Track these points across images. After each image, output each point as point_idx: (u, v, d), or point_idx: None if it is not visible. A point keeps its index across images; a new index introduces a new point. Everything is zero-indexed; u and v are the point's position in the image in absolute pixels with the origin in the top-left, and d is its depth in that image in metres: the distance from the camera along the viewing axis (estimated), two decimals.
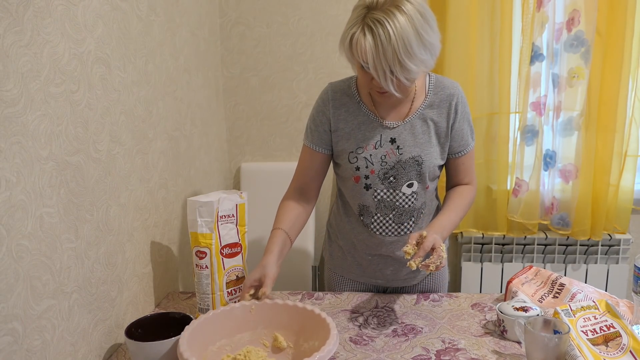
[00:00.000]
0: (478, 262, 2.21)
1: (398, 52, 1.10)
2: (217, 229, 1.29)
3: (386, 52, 1.11)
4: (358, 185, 1.35)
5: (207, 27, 1.97)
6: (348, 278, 1.51)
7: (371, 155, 1.32)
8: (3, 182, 0.87)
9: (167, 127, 1.55)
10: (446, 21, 1.98)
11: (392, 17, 1.10)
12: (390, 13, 1.10)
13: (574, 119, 2.05)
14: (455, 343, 1.21)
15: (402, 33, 1.10)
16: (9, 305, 0.88)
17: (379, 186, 1.34)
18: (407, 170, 1.32)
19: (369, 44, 1.11)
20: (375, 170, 1.32)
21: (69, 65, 1.04)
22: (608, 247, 2.16)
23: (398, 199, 1.35)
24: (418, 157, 1.32)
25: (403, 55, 1.11)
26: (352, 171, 1.34)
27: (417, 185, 1.34)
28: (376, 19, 1.11)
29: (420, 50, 1.13)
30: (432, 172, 1.34)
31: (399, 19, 1.10)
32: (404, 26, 1.10)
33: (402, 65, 1.12)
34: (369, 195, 1.35)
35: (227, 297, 1.31)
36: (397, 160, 1.32)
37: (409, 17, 1.10)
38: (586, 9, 1.94)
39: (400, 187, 1.34)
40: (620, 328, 1.09)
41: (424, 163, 1.32)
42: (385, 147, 1.32)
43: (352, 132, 1.34)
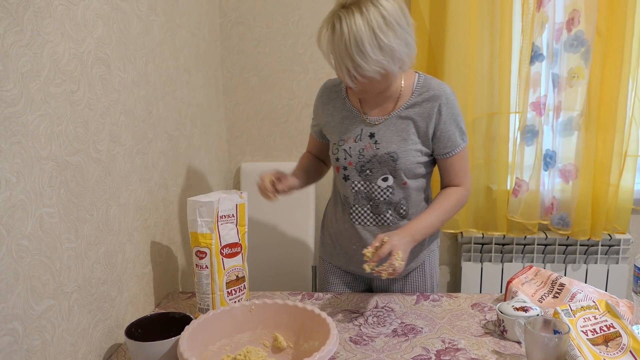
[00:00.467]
0: (478, 262, 2.21)
1: (349, 48, 1.18)
2: (217, 229, 1.29)
3: (339, 46, 1.19)
4: (339, 175, 1.43)
5: (207, 27, 1.97)
6: (336, 266, 1.55)
7: (350, 148, 1.39)
8: (3, 182, 0.87)
9: (167, 127, 1.55)
10: (446, 21, 1.98)
11: (350, 16, 1.18)
12: (350, 12, 1.18)
13: (574, 119, 2.05)
14: (455, 343, 1.21)
15: (355, 31, 1.17)
16: (9, 305, 0.88)
17: (356, 178, 1.40)
18: (382, 165, 1.37)
19: (327, 37, 1.21)
20: (352, 162, 1.39)
21: (69, 65, 1.04)
22: (608, 247, 2.16)
23: (374, 192, 1.40)
24: (394, 153, 1.36)
25: (354, 52, 1.18)
26: (334, 161, 1.43)
27: (392, 180, 1.38)
28: (339, 16, 1.19)
29: (374, 50, 1.18)
30: (409, 170, 1.37)
31: (356, 18, 1.17)
32: (359, 25, 1.17)
33: (354, 62, 1.19)
34: (347, 185, 1.42)
35: (227, 297, 1.31)
36: (373, 154, 1.37)
37: (367, 18, 1.17)
38: (586, 9, 1.94)
39: (375, 180, 1.38)
40: (620, 328, 1.09)
41: (399, 159, 1.35)
42: (364, 141, 1.38)
43: (336, 126, 1.42)
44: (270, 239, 2.18)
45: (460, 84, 2.02)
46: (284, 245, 2.17)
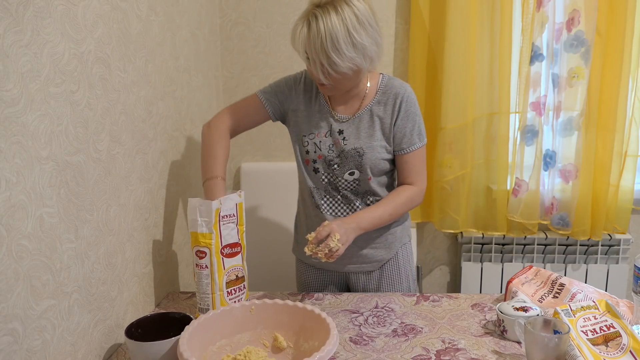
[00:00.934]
0: (478, 262, 2.21)
1: (325, 45, 1.24)
2: (218, 228, 1.29)
3: (314, 43, 1.25)
4: (309, 167, 1.47)
5: (207, 27, 1.97)
6: (311, 265, 1.57)
7: (320, 142, 1.44)
8: (3, 182, 0.87)
9: (167, 127, 1.55)
10: (446, 21, 1.98)
11: (326, 14, 1.24)
12: (326, 11, 1.24)
13: (574, 119, 2.05)
14: (455, 343, 1.21)
15: (331, 29, 1.23)
16: (9, 305, 0.88)
17: (325, 170, 1.45)
18: (349, 160, 1.42)
19: (303, 34, 1.27)
20: (322, 155, 1.44)
21: (69, 65, 1.04)
22: (608, 247, 2.16)
23: (341, 184, 1.45)
24: (360, 149, 1.41)
25: (329, 49, 1.24)
26: (304, 154, 1.47)
27: (358, 174, 1.43)
28: (314, 14, 1.25)
29: (348, 47, 1.25)
30: (374, 165, 1.42)
31: (332, 17, 1.23)
32: (334, 23, 1.23)
33: (329, 58, 1.25)
34: (317, 178, 1.46)
35: (227, 296, 1.31)
36: (341, 149, 1.42)
37: (342, 15, 1.23)
38: (586, 9, 1.94)
39: (342, 174, 1.44)
40: (620, 328, 1.09)
41: (365, 155, 1.41)
42: (334, 137, 1.43)
43: (308, 117, 1.45)
44: (270, 239, 2.18)
45: (460, 84, 2.02)
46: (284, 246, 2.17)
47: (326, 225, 1.28)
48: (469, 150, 2.08)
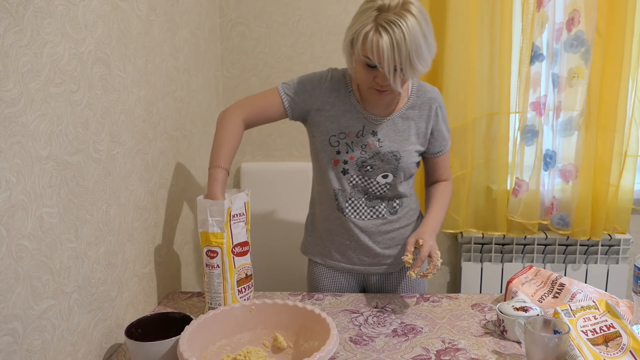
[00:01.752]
0: (478, 262, 2.21)
1: (410, 52, 1.19)
2: (229, 228, 1.29)
3: (401, 51, 1.19)
4: (337, 168, 1.42)
5: (207, 27, 1.97)
6: (329, 267, 1.54)
7: (352, 143, 1.40)
8: (3, 182, 0.87)
9: (167, 127, 1.55)
10: (446, 21, 1.98)
11: (405, 19, 1.18)
12: (403, 15, 1.18)
13: (574, 119, 2.05)
14: (455, 343, 1.21)
15: (414, 34, 1.19)
16: (9, 305, 0.88)
17: (355, 172, 1.42)
18: (385, 163, 1.41)
19: (386, 44, 1.18)
20: (354, 157, 1.40)
21: (69, 65, 1.04)
22: (608, 247, 2.16)
23: (371, 186, 1.43)
24: (397, 152, 1.40)
25: (414, 55, 1.20)
26: (333, 154, 1.41)
27: (391, 177, 1.42)
28: (390, 20, 1.18)
29: (426, 50, 1.22)
30: (408, 169, 1.42)
31: (411, 21, 1.18)
32: (415, 28, 1.19)
33: (412, 64, 1.21)
34: (345, 179, 1.43)
35: (238, 295, 1.32)
36: (376, 151, 1.40)
37: (417, 19, 1.19)
38: (586, 9, 1.94)
39: (375, 176, 1.41)
40: (620, 328, 1.09)
41: (402, 159, 1.40)
42: (366, 138, 1.40)
43: (336, 117, 1.40)
44: (270, 240, 2.18)
45: (460, 84, 2.02)
46: (284, 246, 2.17)
47: (423, 245, 1.30)
48: (469, 150, 2.08)
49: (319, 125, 1.42)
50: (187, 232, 1.69)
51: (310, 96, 1.41)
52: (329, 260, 1.52)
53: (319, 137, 1.43)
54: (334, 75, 1.43)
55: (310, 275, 1.59)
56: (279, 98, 1.41)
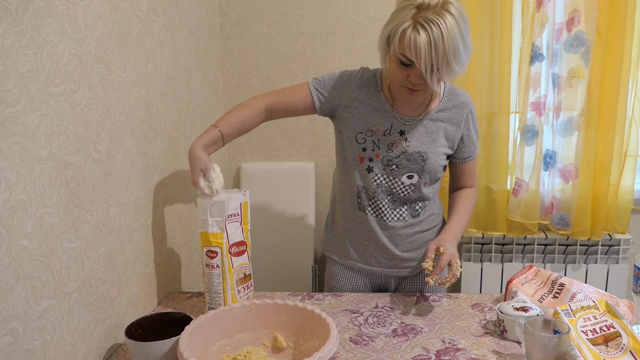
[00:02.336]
0: (478, 262, 2.21)
1: (448, 52, 1.19)
2: (225, 228, 1.29)
3: (438, 50, 1.18)
4: (361, 166, 1.41)
5: (207, 27, 1.97)
6: (347, 266, 1.53)
7: (379, 141, 1.39)
8: (3, 182, 0.87)
9: (167, 127, 1.55)
10: None
11: (444, 18, 1.18)
12: (442, 14, 1.18)
13: (574, 119, 2.04)
14: (455, 343, 1.21)
15: (452, 34, 1.18)
16: (9, 305, 0.88)
17: (380, 171, 1.40)
18: (411, 163, 1.39)
19: (424, 42, 1.18)
20: (380, 155, 1.39)
21: (69, 65, 1.04)
22: (608, 247, 2.16)
23: (396, 187, 1.41)
24: (424, 152, 1.39)
25: (451, 55, 1.20)
26: (359, 151, 1.40)
27: (417, 178, 1.40)
28: (429, 18, 1.18)
29: (464, 51, 1.22)
30: (434, 171, 1.41)
31: (449, 21, 1.18)
32: (454, 28, 1.18)
33: (448, 64, 1.21)
34: (369, 177, 1.41)
35: (238, 294, 1.32)
36: (403, 150, 1.39)
37: (456, 20, 1.19)
38: (586, 9, 1.94)
39: (400, 176, 1.40)
40: (620, 328, 1.09)
41: (429, 160, 1.39)
42: (394, 136, 1.39)
43: (364, 114, 1.40)
44: (270, 240, 2.18)
45: (460, 84, 2.01)
46: (284, 246, 2.17)
47: (444, 253, 1.29)
48: None
49: (346, 121, 1.42)
50: (187, 232, 1.69)
51: (339, 92, 1.42)
52: (347, 260, 1.52)
53: (346, 133, 1.42)
54: (364, 74, 1.43)
55: (328, 274, 1.58)
56: (308, 92, 1.42)
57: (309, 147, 2.21)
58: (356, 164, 1.42)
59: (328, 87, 1.42)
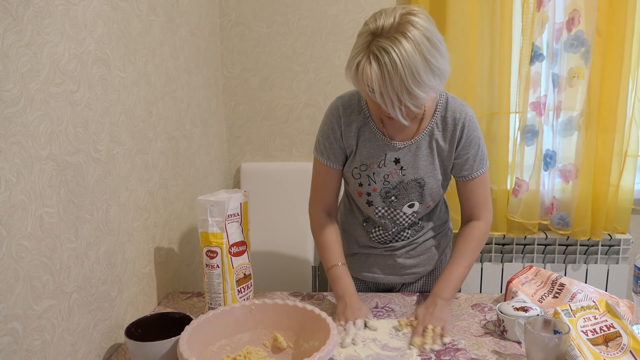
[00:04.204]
0: (478, 262, 2.21)
1: (405, 81, 1.07)
2: (225, 228, 1.29)
3: (393, 81, 1.07)
4: (361, 199, 1.38)
5: (207, 27, 1.97)
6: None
7: (374, 174, 1.33)
8: (3, 182, 0.87)
9: (167, 127, 1.55)
10: (446, 21, 1.98)
11: (397, 45, 1.06)
12: (395, 40, 1.06)
13: (574, 119, 2.05)
14: (455, 343, 1.21)
15: (408, 61, 1.06)
16: (9, 305, 0.88)
17: (380, 204, 1.36)
18: (409, 192, 1.34)
19: (375, 73, 1.08)
20: (377, 188, 1.34)
21: (69, 65, 1.04)
22: (608, 247, 2.16)
23: (399, 218, 1.38)
24: (421, 179, 1.32)
25: (411, 84, 1.08)
26: (356, 186, 1.36)
27: (418, 205, 1.36)
28: (382, 46, 1.07)
29: (428, 76, 1.09)
30: (434, 193, 1.35)
31: (405, 46, 1.06)
32: (411, 53, 1.06)
33: (410, 93, 1.09)
34: (371, 210, 1.38)
35: (238, 294, 1.32)
36: (399, 180, 1.33)
37: (415, 43, 1.06)
38: (586, 9, 1.94)
39: (401, 207, 1.36)
40: (620, 328, 1.09)
41: (426, 185, 1.33)
42: (389, 167, 1.32)
43: (359, 149, 1.33)
44: (270, 240, 2.18)
45: (460, 84, 2.02)
46: (283, 246, 2.17)
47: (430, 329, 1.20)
48: None
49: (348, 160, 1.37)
50: (187, 232, 1.69)
51: (337, 140, 1.34)
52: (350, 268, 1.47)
53: (345, 169, 1.37)
54: (345, 105, 1.33)
55: None
56: (327, 168, 1.37)
57: (309, 147, 2.21)
58: (357, 198, 1.39)
59: (328, 145, 1.35)
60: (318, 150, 1.38)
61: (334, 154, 1.35)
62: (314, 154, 1.40)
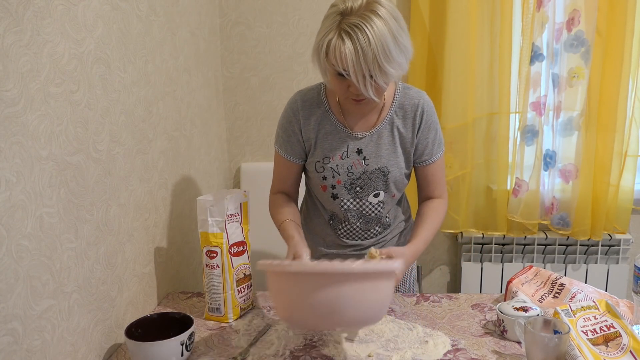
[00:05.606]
0: (478, 262, 2.21)
1: (378, 56, 1.10)
2: (225, 228, 1.29)
3: (366, 56, 1.10)
4: (325, 194, 1.37)
5: (207, 27, 1.97)
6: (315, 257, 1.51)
7: (337, 166, 1.34)
8: (3, 182, 0.87)
9: (167, 127, 1.55)
10: (446, 21, 1.98)
11: (369, 22, 1.09)
12: (367, 17, 1.10)
13: (574, 119, 2.05)
14: (455, 343, 1.21)
15: (380, 37, 1.09)
16: (9, 305, 0.88)
17: (345, 196, 1.36)
18: (373, 181, 1.35)
19: (349, 49, 1.10)
20: (341, 180, 1.34)
21: (69, 65, 1.04)
22: (608, 247, 2.16)
23: (365, 208, 1.38)
24: (384, 167, 1.34)
25: (382, 59, 1.11)
26: (320, 180, 1.36)
27: (383, 194, 1.37)
28: (353, 23, 1.10)
29: (397, 53, 1.13)
30: (398, 182, 1.37)
31: (376, 23, 1.10)
32: (382, 30, 1.10)
33: (382, 69, 1.12)
34: (336, 204, 1.38)
35: (238, 294, 1.32)
36: (363, 171, 1.34)
37: (384, 21, 1.11)
38: (586, 9, 1.94)
39: (366, 197, 1.36)
40: (620, 328, 1.09)
41: (390, 174, 1.34)
42: (351, 158, 1.33)
43: (319, 142, 1.34)
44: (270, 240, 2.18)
45: (460, 84, 2.02)
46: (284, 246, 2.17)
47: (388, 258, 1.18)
48: (469, 150, 2.08)
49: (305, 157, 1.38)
50: (187, 232, 1.69)
51: (295, 134, 1.35)
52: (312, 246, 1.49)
53: (307, 164, 1.38)
54: (304, 98, 1.36)
55: None
56: (284, 160, 1.39)
57: None
58: (321, 193, 1.38)
59: (288, 140, 1.36)
60: (277, 143, 1.40)
61: (292, 147, 1.37)
62: (275, 147, 1.41)
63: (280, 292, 1.00)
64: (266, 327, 1.29)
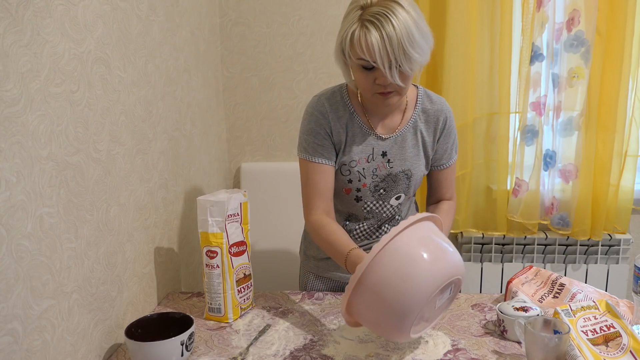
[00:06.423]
0: (478, 262, 2.21)
1: (403, 41, 1.13)
2: (225, 228, 1.29)
3: (392, 42, 1.12)
4: (349, 196, 1.37)
5: (207, 27, 1.97)
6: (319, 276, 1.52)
7: (364, 169, 1.34)
8: (3, 182, 0.87)
9: (167, 127, 1.55)
10: (446, 21, 1.98)
11: (392, 9, 1.13)
12: (389, 6, 1.13)
13: (574, 119, 2.05)
14: (455, 343, 1.21)
15: (404, 22, 1.13)
16: (9, 305, 0.88)
17: (369, 198, 1.37)
18: (397, 183, 1.36)
19: (375, 37, 1.13)
20: (367, 183, 1.35)
21: (69, 65, 1.04)
22: (608, 247, 2.16)
23: (385, 210, 1.39)
24: (408, 170, 1.36)
25: (407, 44, 1.13)
26: (344, 183, 1.36)
27: (403, 197, 1.39)
28: (376, 12, 1.13)
29: (420, 38, 1.15)
30: (417, 184, 1.40)
31: (398, 11, 1.13)
32: (405, 17, 1.13)
33: (407, 54, 1.14)
34: (359, 206, 1.38)
35: (238, 294, 1.32)
36: (387, 173, 1.35)
37: (404, 7, 1.14)
38: (586, 9, 1.94)
39: (389, 199, 1.38)
40: (620, 328, 1.09)
41: (413, 176, 1.36)
42: (377, 161, 1.34)
43: (348, 144, 1.34)
44: (270, 240, 2.18)
45: (460, 84, 2.02)
46: (284, 246, 2.17)
47: None
48: (469, 150, 2.08)
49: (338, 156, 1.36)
50: (187, 232, 1.70)
51: (328, 136, 1.32)
52: (326, 272, 1.49)
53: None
54: (330, 100, 1.33)
55: (302, 281, 1.58)
56: (321, 166, 1.32)
57: None
58: (344, 195, 1.37)
59: (321, 145, 1.32)
60: (306, 150, 1.33)
61: (327, 151, 1.32)
62: (301, 156, 1.34)
63: (377, 294, 1.02)
64: (266, 327, 1.29)
